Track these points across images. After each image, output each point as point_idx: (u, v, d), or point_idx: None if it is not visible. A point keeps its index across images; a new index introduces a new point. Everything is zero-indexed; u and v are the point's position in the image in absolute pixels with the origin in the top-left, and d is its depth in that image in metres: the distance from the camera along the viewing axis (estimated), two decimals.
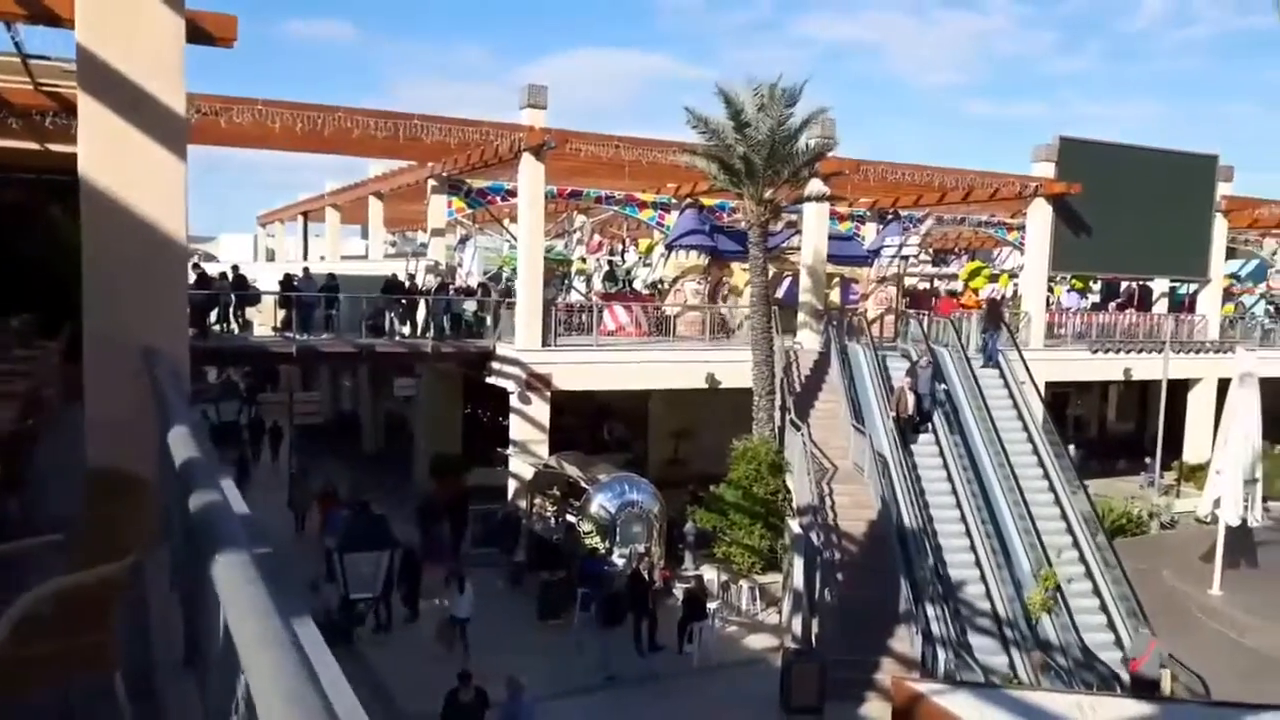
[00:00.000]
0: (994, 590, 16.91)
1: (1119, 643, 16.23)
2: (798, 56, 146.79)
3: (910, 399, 19.78)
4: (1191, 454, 27.84)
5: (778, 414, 20.73)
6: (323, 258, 36.62)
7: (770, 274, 22.10)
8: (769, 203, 20.08)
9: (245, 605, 1.52)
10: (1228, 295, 32.00)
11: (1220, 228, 29.23)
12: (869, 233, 30.69)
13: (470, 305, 23.47)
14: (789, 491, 19.45)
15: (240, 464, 24.72)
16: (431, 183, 25.76)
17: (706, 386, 22.11)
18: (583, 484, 19.54)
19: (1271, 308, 35.60)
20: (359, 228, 44.10)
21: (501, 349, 21.86)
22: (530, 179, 20.96)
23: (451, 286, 24.56)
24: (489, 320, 23.34)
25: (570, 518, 19.60)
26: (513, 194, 23.85)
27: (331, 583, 12.45)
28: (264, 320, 23.81)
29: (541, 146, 20.48)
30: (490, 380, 22.25)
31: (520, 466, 21.31)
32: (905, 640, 15.66)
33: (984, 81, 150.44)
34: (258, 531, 2.68)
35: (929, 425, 20.23)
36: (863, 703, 14.28)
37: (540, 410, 21.11)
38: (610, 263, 28.34)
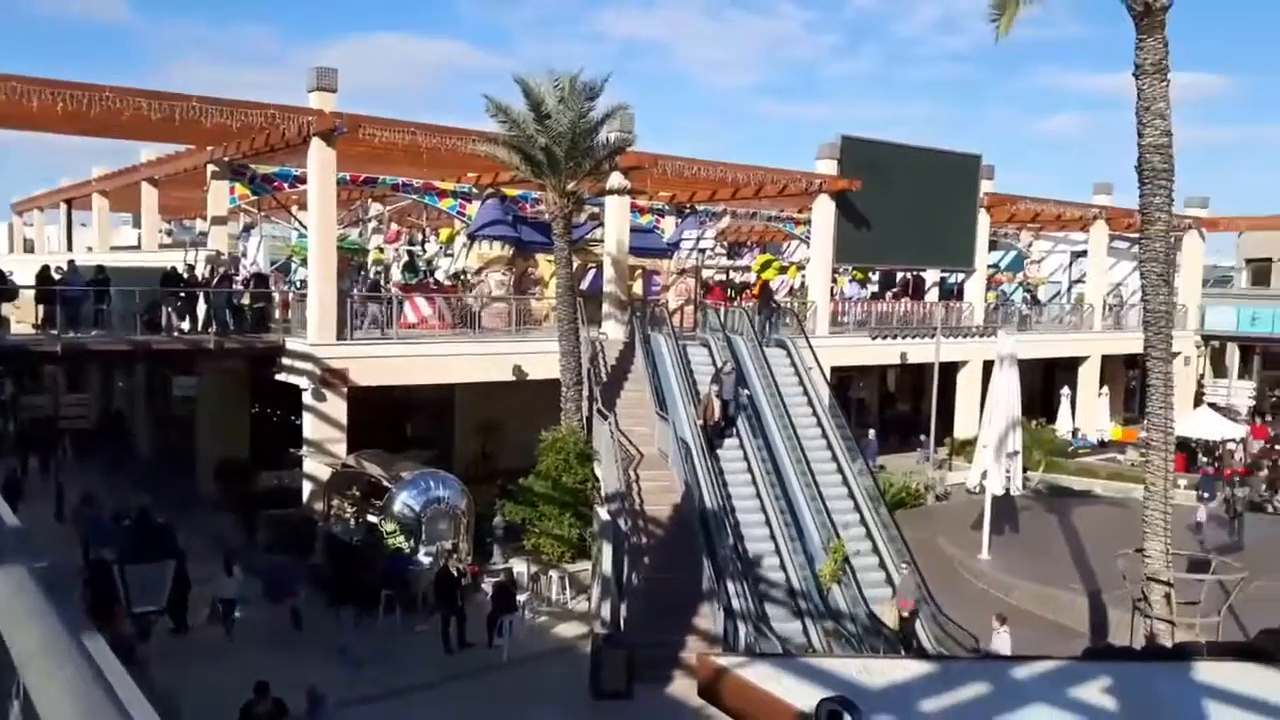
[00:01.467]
0: (789, 565, 17.80)
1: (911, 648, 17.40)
2: (595, 51, 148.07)
3: (716, 405, 20.04)
4: (961, 430, 30.22)
5: (585, 404, 20.92)
6: (90, 248, 33.63)
7: (575, 265, 22.24)
8: (572, 195, 20.20)
9: (26, 620, 1.38)
10: (990, 284, 34.93)
11: (983, 222, 31.83)
12: (668, 226, 31.44)
13: (246, 299, 22.18)
14: (597, 480, 19.68)
15: (9, 479, 22.13)
16: (212, 168, 24.20)
17: (514, 379, 22.00)
18: (384, 483, 18.99)
19: (1028, 295, 39.25)
20: (130, 216, 40.90)
21: (292, 344, 20.86)
22: (320, 165, 20.12)
23: (236, 278, 23.17)
24: (277, 314, 22.24)
25: (372, 518, 19.01)
26: (302, 180, 22.79)
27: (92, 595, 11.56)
28: (22, 317, 21.59)
29: (332, 131, 19.70)
30: (281, 377, 21.20)
31: (316, 467, 20.46)
32: (709, 618, 16.22)
33: (773, 81, 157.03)
34: (32, 546, 2.44)
35: (734, 429, 20.59)
36: (670, 682, 14.67)
37: (336, 407, 20.33)
38: (410, 253, 27.58)
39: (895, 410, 37.05)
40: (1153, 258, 14.06)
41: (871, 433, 28.27)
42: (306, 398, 20.28)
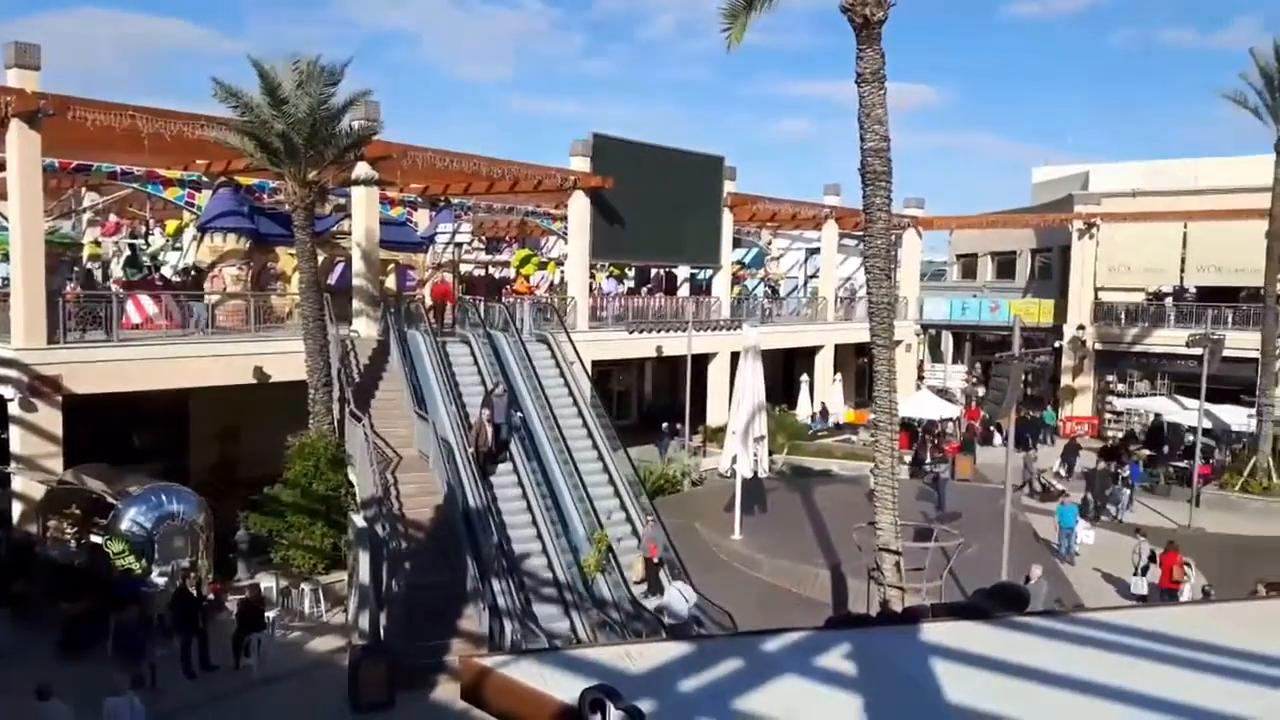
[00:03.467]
0: (554, 558, 17.89)
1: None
2: (340, 37, 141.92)
3: (489, 431, 19.35)
4: (713, 418, 31.58)
5: (336, 406, 20.01)
6: None
7: (320, 259, 21.21)
8: (313, 184, 19.23)
9: None
10: (735, 280, 36.72)
11: (728, 220, 33.38)
12: (422, 219, 30.69)
13: None
14: (352, 485, 18.89)
15: None
16: None
17: (255, 381, 20.65)
18: (109, 499, 17.33)
19: (769, 290, 41.63)
20: None
21: None
22: (22, 150, 17.96)
23: None
24: None
25: (96, 538, 17.29)
26: (0, 166, 20.27)
27: None
28: None
29: (36, 113, 17.67)
30: None
31: (27, 485, 18.30)
32: (474, 619, 16.01)
33: (523, 77, 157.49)
34: None
35: (507, 453, 19.94)
36: (434, 688, 14.36)
37: (50, 418, 18.28)
38: (132, 246, 25.20)
39: (654, 401, 38.16)
40: (875, 254, 15.19)
41: (665, 425, 29.01)
42: (13, 408, 18.09)
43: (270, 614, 16.16)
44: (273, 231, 23.21)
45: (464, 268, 30.02)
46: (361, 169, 21.92)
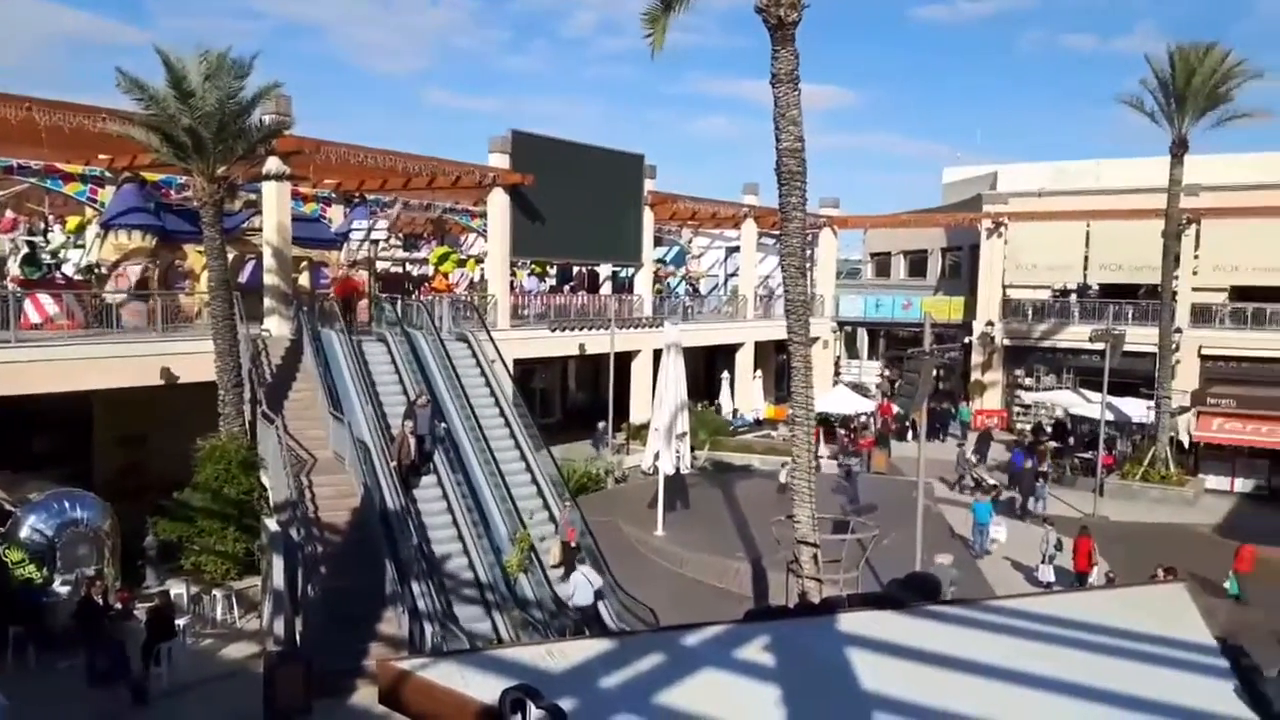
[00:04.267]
0: (475, 559, 17.71)
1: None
2: (249, 29, 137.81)
3: (412, 443, 18.86)
4: (636, 416, 31.66)
5: (248, 407, 19.48)
6: None
7: (230, 257, 20.63)
8: (222, 180, 18.70)
9: None
10: (656, 278, 36.84)
11: (648, 219, 33.48)
12: (336, 215, 30.07)
13: None
14: (265, 489, 18.43)
15: None
16: None
17: (162, 383, 19.98)
18: (8, 506, 16.61)
19: (690, 288, 41.88)
20: None
21: None
22: None
23: None
24: None
25: None
26: None
27: None
28: None
29: None
30: None
31: None
32: (394, 622, 15.76)
33: (441, 72, 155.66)
34: None
35: (430, 466, 19.45)
36: (353, 693, 14.09)
37: None
38: (30, 244, 24.11)
39: (577, 398, 38.07)
40: (791, 252, 15.38)
41: (601, 424, 28.92)
42: None
43: (181, 621, 15.71)
44: (180, 228, 22.48)
45: (381, 265, 29.49)
46: (273, 164, 21.39)
